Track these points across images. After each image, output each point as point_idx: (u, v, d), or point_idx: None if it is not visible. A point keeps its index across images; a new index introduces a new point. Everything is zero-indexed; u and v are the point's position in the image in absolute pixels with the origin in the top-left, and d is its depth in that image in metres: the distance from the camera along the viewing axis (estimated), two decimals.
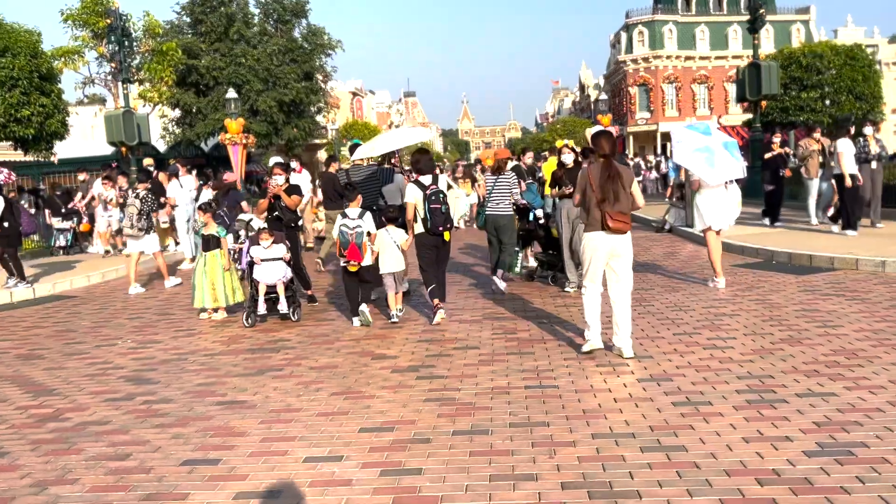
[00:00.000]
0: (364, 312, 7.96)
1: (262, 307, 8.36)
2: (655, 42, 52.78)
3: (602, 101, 29.44)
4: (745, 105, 30.34)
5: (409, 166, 9.40)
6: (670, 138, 9.69)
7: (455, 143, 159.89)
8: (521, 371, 5.98)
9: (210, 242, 9.03)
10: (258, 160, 37.33)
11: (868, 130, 12.21)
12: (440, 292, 8.08)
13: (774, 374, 5.56)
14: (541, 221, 10.08)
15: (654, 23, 52.94)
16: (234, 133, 19.45)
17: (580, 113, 76.28)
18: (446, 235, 7.98)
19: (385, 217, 8.26)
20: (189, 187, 14.52)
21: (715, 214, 9.11)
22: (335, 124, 50.89)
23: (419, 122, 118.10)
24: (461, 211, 13.64)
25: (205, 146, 35.34)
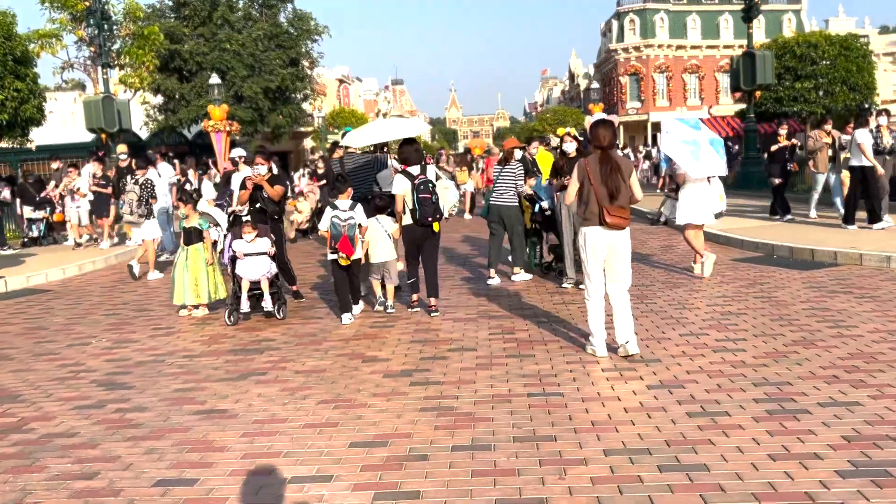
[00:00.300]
0: (352, 316, 7.78)
1: (246, 304, 7.94)
2: (647, 31, 52.35)
3: (594, 89, 28.99)
4: (737, 95, 30.10)
5: (395, 156, 9.07)
6: (661, 129, 9.89)
7: (443, 132, 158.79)
8: (523, 376, 5.61)
9: (192, 235, 8.58)
10: (244, 148, 36.65)
11: (882, 121, 11.82)
12: (432, 288, 7.88)
13: (792, 381, 5.22)
14: (547, 213, 9.76)
15: (646, 11, 52.49)
16: (217, 120, 18.89)
17: (570, 102, 75.90)
18: (435, 226, 7.77)
19: (375, 205, 8.02)
20: (167, 176, 13.80)
21: (696, 210, 9.15)
22: (322, 112, 50.20)
23: (407, 110, 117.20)
24: (450, 202, 13.23)
25: (188, 133, 34.68)
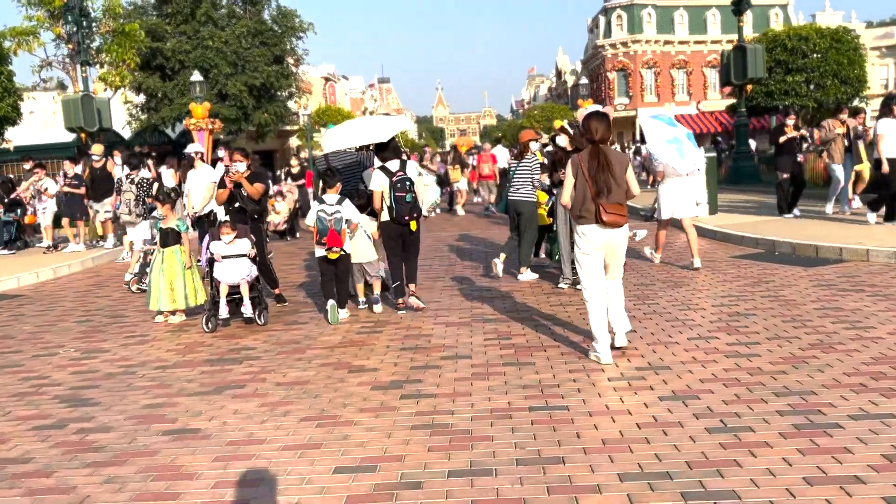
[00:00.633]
0: (334, 308, 7.48)
1: (224, 310, 7.45)
2: (634, 26, 52.03)
3: (582, 85, 28.64)
4: (727, 89, 29.79)
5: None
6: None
7: (430, 131, 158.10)
8: (523, 387, 5.16)
9: (168, 237, 8.09)
10: (228, 146, 36.04)
11: None
12: (410, 274, 7.86)
13: (815, 390, 4.81)
14: None
15: (633, 7, 52.16)
16: (199, 118, 18.32)
17: (557, 99, 75.59)
18: (412, 225, 7.58)
19: (355, 204, 7.78)
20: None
21: (676, 204, 9.28)
22: (307, 110, 49.59)
23: (393, 108, 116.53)
24: (431, 199, 12.73)
25: (172, 132, 34.04)
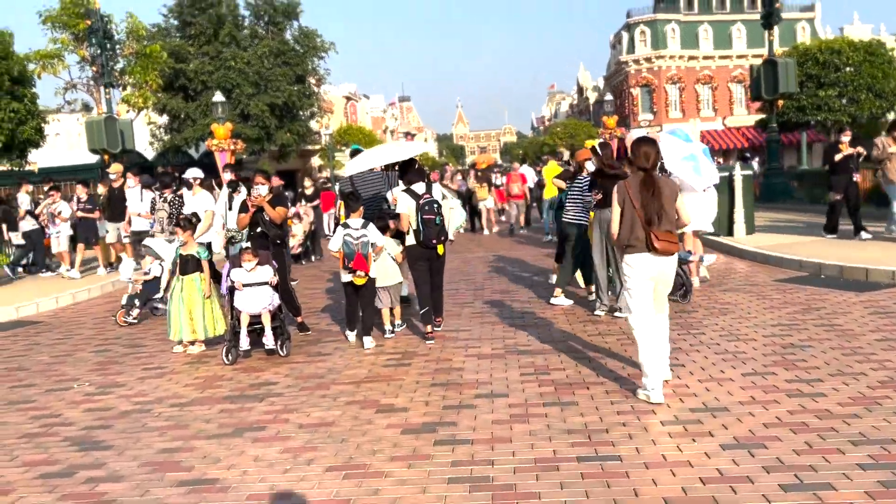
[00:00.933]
0: (365, 340, 7.35)
1: (245, 341, 7.09)
2: (658, 42, 51.54)
3: (607, 101, 28.17)
4: (757, 105, 29.22)
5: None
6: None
7: (450, 148, 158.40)
8: (568, 432, 4.73)
9: (189, 264, 7.77)
10: (251, 167, 36.06)
11: None
12: (437, 306, 7.62)
13: None
14: None
15: (657, 22, 51.70)
16: (220, 138, 18.17)
17: (579, 116, 75.19)
18: (440, 249, 7.43)
19: (378, 226, 7.61)
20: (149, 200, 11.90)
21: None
22: (329, 129, 49.67)
23: (414, 126, 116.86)
24: (457, 222, 12.42)
25: (195, 153, 34.13)
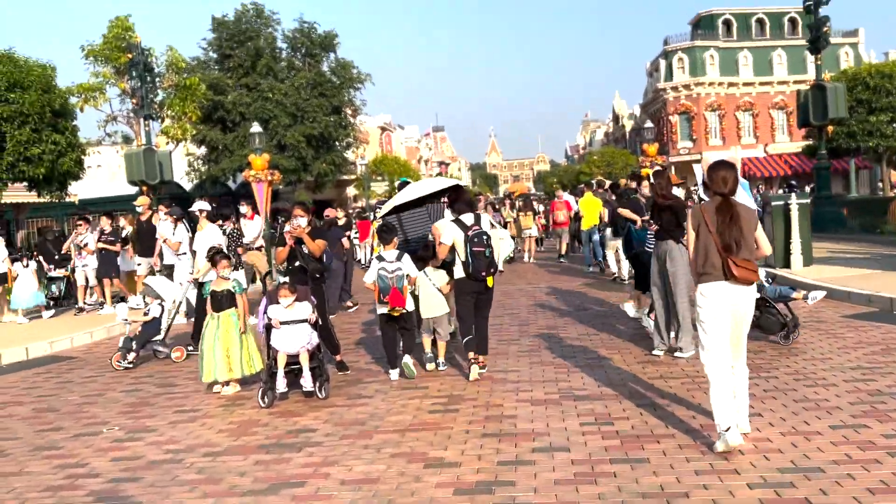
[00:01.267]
0: (408, 365, 7.31)
1: (282, 383, 6.69)
2: (696, 69, 50.87)
3: (648, 129, 27.61)
4: (800, 131, 28.46)
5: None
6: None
7: (483, 177, 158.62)
8: (642, 496, 4.20)
9: (223, 300, 7.42)
10: (287, 197, 36.18)
11: None
12: (481, 345, 7.28)
13: None
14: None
15: (695, 49, 51.07)
16: (258, 169, 18.04)
17: (614, 144, 74.59)
18: (489, 281, 7.14)
19: (418, 256, 7.55)
20: (181, 235, 11.47)
21: None
22: (364, 159, 49.90)
23: (448, 156, 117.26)
24: (505, 253, 12.05)
25: (232, 183, 34.33)
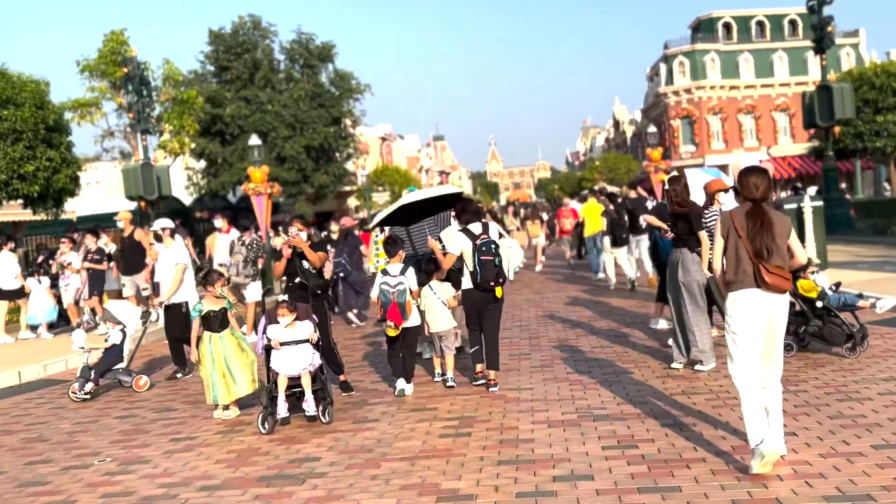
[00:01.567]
0: (402, 392, 7.16)
1: (283, 408, 6.33)
2: (697, 72, 50.51)
3: (650, 133, 27.32)
4: (803, 133, 28.13)
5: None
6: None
7: (484, 186, 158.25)
8: None
9: (217, 322, 7.05)
10: (287, 210, 35.88)
11: None
12: (492, 361, 7.10)
13: None
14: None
15: (695, 52, 50.71)
16: (257, 182, 17.71)
17: (615, 149, 74.29)
18: (498, 291, 7.02)
19: (424, 270, 7.40)
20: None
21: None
22: (365, 170, 49.65)
23: (448, 165, 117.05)
24: (515, 263, 11.73)
25: (232, 197, 34.07)
